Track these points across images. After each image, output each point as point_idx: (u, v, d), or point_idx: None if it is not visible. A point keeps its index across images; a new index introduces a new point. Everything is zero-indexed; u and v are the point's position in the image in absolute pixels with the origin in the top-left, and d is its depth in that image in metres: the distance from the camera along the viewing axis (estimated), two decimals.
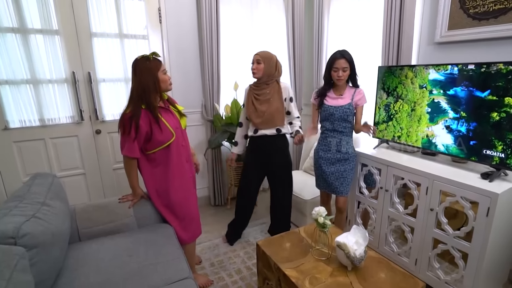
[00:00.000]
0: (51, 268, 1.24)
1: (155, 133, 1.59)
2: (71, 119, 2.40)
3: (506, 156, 1.59)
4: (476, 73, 1.67)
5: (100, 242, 1.61)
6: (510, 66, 1.53)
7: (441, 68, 1.84)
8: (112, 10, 2.40)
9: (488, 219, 1.49)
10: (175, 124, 1.70)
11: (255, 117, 2.13)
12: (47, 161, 2.38)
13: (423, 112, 1.99)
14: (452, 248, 1.67)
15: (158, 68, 1.60)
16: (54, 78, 2.29)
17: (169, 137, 1.64)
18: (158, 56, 1.64)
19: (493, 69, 1.60)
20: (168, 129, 1.64)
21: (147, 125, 1.57)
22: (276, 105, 2.10)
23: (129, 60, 2.49)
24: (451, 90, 1.81)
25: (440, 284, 1.76)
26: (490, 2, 1.83)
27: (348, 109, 2.00)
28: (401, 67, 2.06)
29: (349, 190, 2.12)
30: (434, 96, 1.90)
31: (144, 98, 1.56)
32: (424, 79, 1.94)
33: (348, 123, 2.04)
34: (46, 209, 1.34)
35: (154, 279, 1.35)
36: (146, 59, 1.59)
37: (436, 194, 1.71)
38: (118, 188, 2.68)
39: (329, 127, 2.07)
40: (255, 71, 2.08)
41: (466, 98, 1.75)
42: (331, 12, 3.00)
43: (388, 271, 1.42)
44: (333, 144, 2.07)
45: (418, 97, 2.01)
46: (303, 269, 1.44)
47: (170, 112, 1.72)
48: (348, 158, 2.08)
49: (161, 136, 1.61)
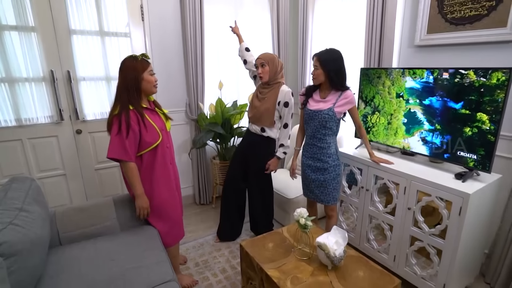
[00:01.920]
0: (31, 276, 1.22)
1: (143, 134, 1.58)
2: (50, 119, 2.34)
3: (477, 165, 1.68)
4: (451, 83, 1.73)
5: (82, 246, 1.59)
6: (482, 78, 1.59)
7: (417, 76, 1.89)
8: (92, 7, 2.33)
9: (461, 217, 1.57)
10: (161, 126, 1.70)
11: (250, 110, 2.25)
12: (25, 162, 2.31)
13: (399, 124, 2.05)
14: (427, 245, 1.75)
15: (145, 68, 1.60)
16: (31, 76, 2.21)
17: (156, 139, 1.63)
18: (147, 57, 1.66)
19: (466, 81, 1.65)
20: (155, 130, 1.64)
21: (136, 125, 1.56)
22: (267, 106, 2.12)
23: (111, 58, 2.46)
24: (427, 100, 1.86)
25: (417, 279, 1.84)
26: (466, 8, 1.90)
27: (327, 114, 1.82)
28: (379, 76, 2.10)
29: (331, 199, 2.00)
30: (411, 105, 1.95)
31: (129, 97, 1.56)
32: (401, 87, 1.99)
33: (329, 130, 1.87)
34: (24, 215, 1.31)
35: (138, 283, 1.35)
36: (133, 59, 1.60)
37: (413, 193, 1.78)
38: (101, 189, 2.64)
39: (310, 132, 1.95)
40: (261, 75, 2.08)
41: (441, 109, 1.80)
42: (316, 12, 3.02)
43: (366, 269, 1.48)
44: (314, 151, 1.95)
45: (395, 107, 2.04)
46: (285, 269, 1.48)
47: (156, 113, 1.73)
48: (327, 168, 1.93)
49: (149, 137, 1.60)
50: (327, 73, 1.81)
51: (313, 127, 1.91)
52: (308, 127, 1.97)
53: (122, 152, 1.54)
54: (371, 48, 2.34)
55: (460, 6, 1.93)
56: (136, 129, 1.55)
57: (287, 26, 3.18)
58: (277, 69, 2.10)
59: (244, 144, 2.35)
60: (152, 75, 1.65)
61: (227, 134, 2.80)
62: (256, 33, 3.12)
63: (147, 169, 1.67)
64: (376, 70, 2.14)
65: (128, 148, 1.54)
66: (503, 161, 1.87)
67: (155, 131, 1.63)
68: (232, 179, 2.37)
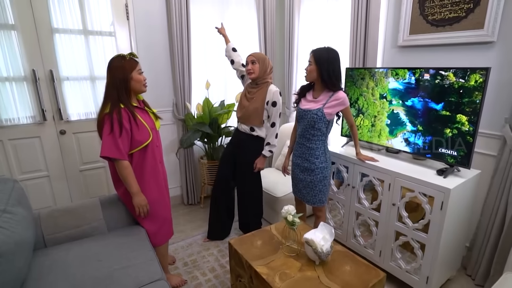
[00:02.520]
0: (15, 278, 1.19)
1: (134, 133, 1.58)
2: (32, 119, 2.28)
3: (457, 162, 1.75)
4: (431, 84, 1.79)
5: (68, 247, 1.57)
6: (461, 79, 1.64)
7: (400, 77, 1.94)
8: (75, 5, 2.29)
9: (442, 212, 1.62)
10: (151, 125, 1.70)
11: (238, 110, 2.26)
12: (6, 164, 2.24)
13: (383, 126, 2.11)
14: (411, 239, 1.80)
15: (133, 67, 1.60)
16: (12, 76, 2.15)
17: (147, 138, 1.63)
18: (136, 57, 1.65)
19: (446, 82, 1.71)
20: (146, 129, 1.64)
21: (127, 123, 1.56)
22: (255, 105, 2.13)
23: (95, 58, 2.43)
24: (409, 101, 1.92)
25: (402, 273, 1.89)
26: (446, 10, 1.97)
27: (316, 114, 1.79)
28: (363, 77, 2.16)
29: (318, 201, 1.97)
30: (394, 106, 2.01)
31: (119, 96, 1.56)
32: (384, 88, 2.04)
33: (317, 130, 1.84)
34: (7, 216, 1.28)
35: (126, 283, 1.34)
36: (121, 58, 1.59)
37: (397, 190, 1.83)
38: (86, 190, 2.59)
39: (300, 132, 1.94)
40: (251, 71, 2.10)
41: (423, 110, 1.86)
42: (302, 12, 3.06)
43: (353, 264, 1.51)
44: (302, 151, 1.93)
45: (378, 109, 2.09)
46: (273, 266, 1.49)
47: (146, 112, 1.73)
48: (314, 169, 1.90)
49: (140, 136, 1.60)
50: (319, 71, 1.77)
51: (302, 126, 1.90)
52: (298, 126, 1.97)
53: (115, 151, 1.53)
54: (356, 48, 2.39)
55: (440, 8, 2.00)
56: (128, 127, 1.55)
57: (274, 26, 3.21)
58: (267, 69, 2.12)
59: (233, 143, 2.36)
60: (140, 74, 1.65)
61: (214, 134, 2.80)
62: (243, 33, 3.14)
63: (137, 168, 1.66)
64: (360, 71, 2.19)
65: (122, 147, 1.53)
66: (482, 157, 1.94)
67: (146, 130, 1.63)
68: (221, 179, 2.37)
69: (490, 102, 1.84)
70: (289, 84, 3.25)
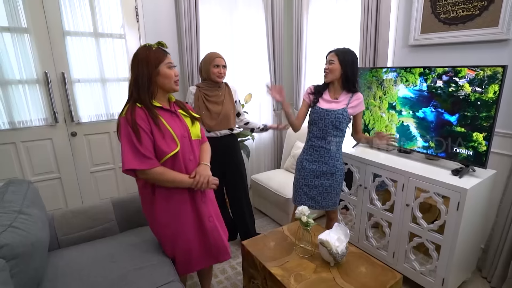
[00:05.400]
0: (32, 279, 1.19)
1: (156, 138, 1.29)
2: (44, 122, 2.30)
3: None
4: (445, 92, 1.73)
5: (81, 248, 1.57)
6: (477, 89, 1.59)
7: (410, 83, 1.90)
8: (86, 8, 2.31)
9: (458, 212, 1.59)
10: (182, 132, 1.38)
11: (209, 119, 2.09)
12: (19, 166, 2.26)
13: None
14: (426, 240, 1.78)
15: (161, 60, 1.32)
16: (25, 78, 2.17)
17: (172, 148, 1.32)
18: (165, 46, 1.38)
19: (462, 93, 1.64)
20: (172, 136, 1.33)
21: (144, 122, 1.28)
22: (229, 107, 2.15)
23: (105, 60, 2.44)
24: (420, 112, 1.85)
25: (416, 275, 1.86)
26: (459, 9, 1.95)
27: (342, 115, 1.77)
28: (369, 86, 2.12)
29: (333, 204, 1.94)
30: (404, 118, 1.91)
31: (139, 95, 1.31)
32: (393, 97, 1.97)
33: (340, 131, 1.81)
34: (23, 217, 1.29)
35: (140, 284, 1.33)
36: (147, 48, 1.33)
37: (411, 190, 1.81)
38: (96, 192, 2.60)
39: (318, 133, 1.83)
40: (223, 74, 2.11)
41: (435, 122, 1.78)
42: (310, 12, 3.05)
43: (368, 265, 1.49)
44: (320, 154, 1.85)
45: (386, 123, 2.00)
46: (287, 267, 1.48)
47: (177, 117, 1.42)
48: (335, 173, 1.86)
49: (163, 144, 1.30)
50: (344, 71, 1.77)
51: (322, 127, 1.81)
52: (315, 128, 1.85)
53: (138, 160, 1.25)
54: (366, 48, 2.37)
55: (453, 7, 1.97)
56: (146, 127, 1.28)
57: (282, 26, 3.20)
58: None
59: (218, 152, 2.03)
60: (170, 68, 1.36)
61: None
62: (251, 33, 3.14)
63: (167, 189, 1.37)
64: (367, 79, 2.15)
65: (145, 151, 1.26)
66: (497, 157, 1.91)
67: (172, 137, 1.33)
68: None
69: (505, 101, 1.80)
70: (298, 85, 3.24)
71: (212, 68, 2.07)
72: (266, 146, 3.52)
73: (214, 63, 2.07)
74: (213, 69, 2.07)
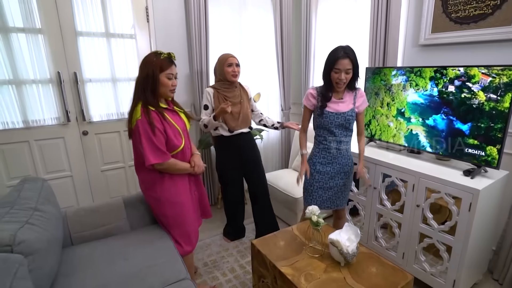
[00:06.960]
0: (47, 275, 1.22)
1: (169, 134, 1.52)
2: (56, 121, 2.34)
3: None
4: (457, 99, 1.68)
5: (94, 245, 1.60)
6: (492, 102, 1.54)
7: (420, 88, 1.87)
8: (98, 9, 2.34)
9: (470, 213, 1.58)
10: (183, 127, 1.64)
11: (232, 120, 2.13)
12: (32, 164, 2.31)
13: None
14: (437, 241, 1.76)
15: (163, 69, 1.50)
16: (38, 78, 2.22)
17: (180, 142, 1.58)
18: (172, 57, 1.55)
19: (475, 102, 1.59)
20: (179, 132, 1.58)
21: (159, 123, 1.49)
22: (247, 106, 2.20)
23: (116, 60, 2.47)
24: (431, 119, 1.79)
25: (426, 276, 1.85)
26: (471, 8, 1.92)
27: (351, 116, 1.75)
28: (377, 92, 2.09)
29: (345, 202, 1.97)
30: (412, 126, 1.83)
31: (146, 97, 1.48)
32: (402, 103, 1.91)
33: (350, 131, 1.81)
34: (38, 214, 1.32)
35: (152, 281, 1.36)
36: (154, 55, 1.51)
37: (422, 190, 1.79)
38: (107, 190, 2.64)
39: (329, 136, 1.81)
40: (237, 73, 2.13)
41: (446, 131, 1.72)
42: (319, 13, 3.05)
43: (379, 266, 1.48)
44: (333, 155, 1.83)
45: (394, 132, 1.93)
46: (298, 266, 1.48)
47: (176, 113, 1.65)
48: (348, 171, 1.88)
49: (174, 139, 1.54)
50: (354, 74, 1.70)
51: (333, 130, 1.78)
52: (325, 131, 1.81)
53: (158, 156, 1.48)
54: (375, 47, 2.36)
55: (465, 6, 1.95)
56: (161, 127, 1.49)
57: (290, 26, 3.20)
58: None
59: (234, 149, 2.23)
60: (170, 79, 1.54)
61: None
62: (260, 33, 3.14)
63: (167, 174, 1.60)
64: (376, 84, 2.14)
65: (162, 147, 1.49)
66: (510, 158, 1.88)
67: (179, 133, 1.58)
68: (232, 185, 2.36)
69: None
70: (306, 85, 3.23)
71: (226, 68, 2.10)
72: (274, 146, 3.52)
73: (228, 63, 2.10)
74: (227, 68, 2.10)
